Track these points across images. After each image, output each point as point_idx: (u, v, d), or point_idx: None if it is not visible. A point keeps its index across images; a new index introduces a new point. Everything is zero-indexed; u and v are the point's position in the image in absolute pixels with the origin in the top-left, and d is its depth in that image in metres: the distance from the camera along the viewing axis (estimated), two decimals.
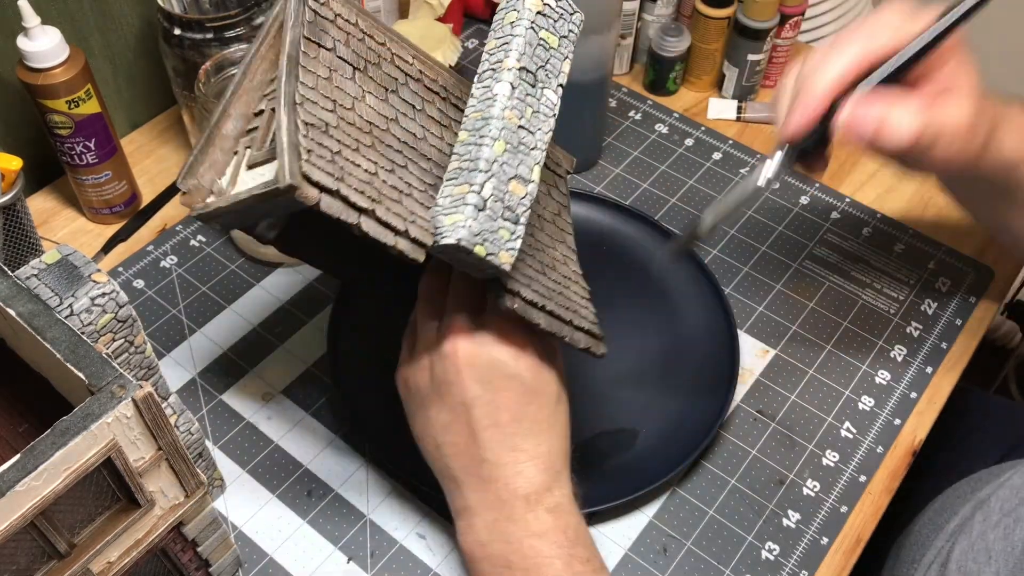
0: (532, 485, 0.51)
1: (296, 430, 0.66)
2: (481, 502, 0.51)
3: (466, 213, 0.45)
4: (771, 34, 0.87)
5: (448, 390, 0.51)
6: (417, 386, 0.53)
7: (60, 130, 0.71)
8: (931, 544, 0.68)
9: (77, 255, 0.46)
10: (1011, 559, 0.55)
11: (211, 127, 0.48)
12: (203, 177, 0.47)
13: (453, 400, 0.51)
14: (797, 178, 0.84)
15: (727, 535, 0.62)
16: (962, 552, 0.60)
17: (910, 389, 0.70)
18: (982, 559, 0.58)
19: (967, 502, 0.69)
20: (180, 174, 0.47)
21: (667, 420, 0.66)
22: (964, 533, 0.61)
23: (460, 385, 0.51)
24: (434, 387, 0.52)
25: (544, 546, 0.50)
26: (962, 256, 0.79)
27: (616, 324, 0.72)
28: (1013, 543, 0.55)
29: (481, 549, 0.51)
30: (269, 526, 0.61)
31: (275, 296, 0.74)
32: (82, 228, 0.78)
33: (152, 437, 0.42)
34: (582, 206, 0.77)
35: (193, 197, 0.47)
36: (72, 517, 0.42)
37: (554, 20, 0.51)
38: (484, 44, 0.96)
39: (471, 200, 0.45)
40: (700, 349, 0.69)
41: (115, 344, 0.47)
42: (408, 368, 0.54)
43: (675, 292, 0.73)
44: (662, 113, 0.90)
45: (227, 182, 0.47)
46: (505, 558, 0.50)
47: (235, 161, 0.48)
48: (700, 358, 0.69)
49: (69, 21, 0.75)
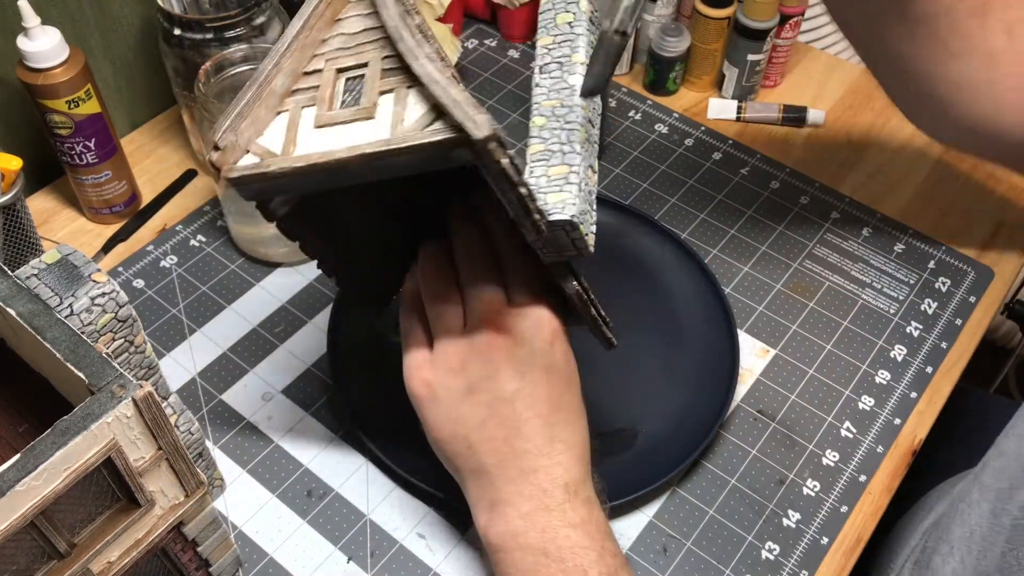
0: (570, 475, 0.50)
1: (296, 430, 0.66)
2: (518, 493, 0.50)
3: (572, 192, 0.46)
4: (771, 34, 0.87)
5: (486, 387, 0.50)
6: (446, 386, 0.51)
7: (60, 130, 0.71)
8: (906, 543, 0.68)
9: (77, 255, 0.46)
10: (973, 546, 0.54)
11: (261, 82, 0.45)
12: (242, 135, 0.44)
13: (491, 396, 0.50)
14: (796, 177, 0.84)
15: (727, 535, 0.62)
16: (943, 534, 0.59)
17: (910, 389, 0.70)
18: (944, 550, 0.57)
19: (942, 500, 0.69)
20: (217, 128, 0.44)
21: (667, 420, 0.66)
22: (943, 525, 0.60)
23: (499, 380, 0.50)
24: (468, 385, 0.50)
25: (579, 537, 0.49)
26: (962, 256, 0.79)
27: (616, 324, 0.72)
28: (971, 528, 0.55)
29: (514, 539, 0.50)
30: (269, 526, 0.61)
31: (275, 296, 0.74)
32: (82, 228, 0.78)
33: (152, 437, 0.42)
34: None
35: (226, 155, 0.44)
36: (72, 517, 0.42)
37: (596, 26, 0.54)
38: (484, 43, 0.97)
39: (574, 179, 0.47)
40: (700, 349, 0.69)
41: (115, 344, 0.47)
42: (429, 369, 0.52)
43: (675, 292, 0.73)
44: (662, 113, 0.90)
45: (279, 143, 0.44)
46: (541, 547, 0.49)
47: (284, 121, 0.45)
48: (700, 358, 0.69)
49: (69, 21, 0.75)
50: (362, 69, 0.44)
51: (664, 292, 0.73)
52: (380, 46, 0.44)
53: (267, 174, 0.43)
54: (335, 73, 0.45)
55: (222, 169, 0.44)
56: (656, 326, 0.72)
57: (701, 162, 0.86)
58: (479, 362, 0.50)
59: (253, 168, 0.43)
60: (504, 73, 0.93)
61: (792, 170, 0.85)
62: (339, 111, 0.44)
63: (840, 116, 0.91)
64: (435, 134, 0.41)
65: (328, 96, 0.45)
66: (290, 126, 0.45)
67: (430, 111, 0.41)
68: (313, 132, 0.44)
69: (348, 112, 0.44)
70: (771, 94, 0.93)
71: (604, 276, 0.74)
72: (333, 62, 0.45)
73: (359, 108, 0.43)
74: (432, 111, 0.41)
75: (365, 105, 0.43)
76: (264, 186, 0.44)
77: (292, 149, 0.44)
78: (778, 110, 0.89)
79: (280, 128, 0.45)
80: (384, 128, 0.42)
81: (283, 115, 0.45)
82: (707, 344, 0.69)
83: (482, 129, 0.39)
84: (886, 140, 0.89)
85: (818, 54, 0.98)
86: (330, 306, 0.69)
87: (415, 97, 0.42)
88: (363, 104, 0.43)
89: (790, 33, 0.89)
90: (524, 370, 0.50)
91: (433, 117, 0.41)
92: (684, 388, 0.68)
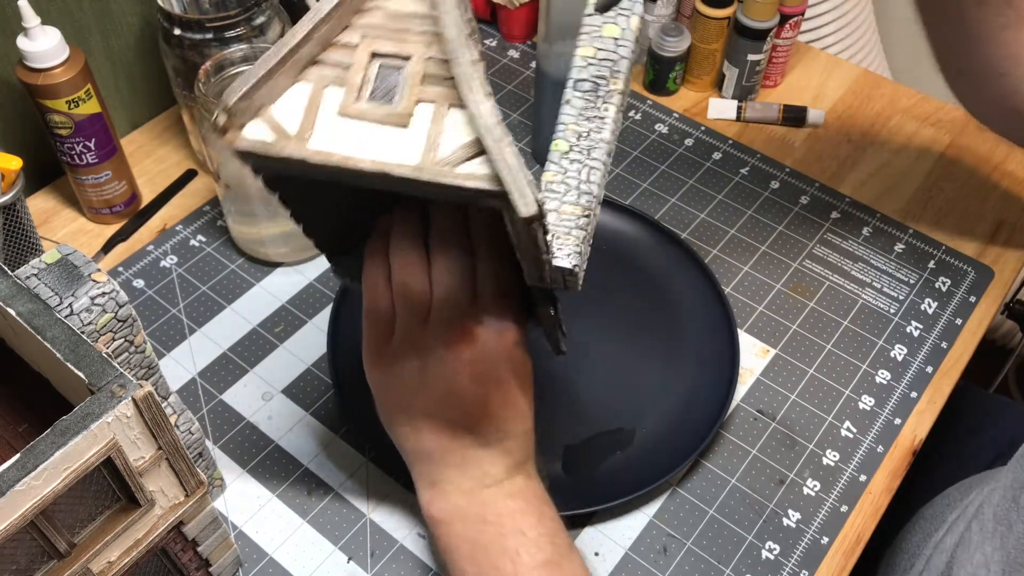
0: (515, 459, 0.52)
1: (296, 430, 0.66)
2: (461, 475, 0.52)
3: (579, 238, 0.45)
4: (771, 34, 0.87)
5: (440, 384, 0.51)
6: (400, 375, 0.52)
7: (60, 130, 0.71)
8: (920, 553, 0.68)
9: (77, 255, 0.46)
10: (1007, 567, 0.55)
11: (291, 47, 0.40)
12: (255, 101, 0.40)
13: (443, 391, 0.51)
14: (796, 177, 0.84)
15: (727, 535, 0.62)
16: (960, 566, 0.60)
17: (910, 389, 0.70)
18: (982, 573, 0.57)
19: (954, 510, 0.69)
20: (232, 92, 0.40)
21: (667, 420, 0.66)
22: (963, 547, 0.61)
23: (454, 379, 0.50)
24: (423, 379, 0.51)
25: (517, 504, 0.52)
26: (962, 256, 0.79)
27: (616, 324, 0.72)
28: (1008, 550, 0.55)
29: (454, 512, 0.52)
30: (269, 526, 0.61)
31: (275, 296, 0.74)
32: (82, 228, 0.78)
33: (152, 437, 0.42)
34: None
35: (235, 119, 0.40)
36: (72, 517, 0.42)
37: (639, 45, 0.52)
38: (484, 43, 0.97)
39: (583, 224, 0.46)
40: (700, 349, 0.69)
41: (115, 344, 0.47)
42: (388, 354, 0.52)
43: (675, 292, 0.73)
44: (662, 113, 0.90)
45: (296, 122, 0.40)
46: (480, 516, 0.51)
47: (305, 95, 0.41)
48: (700, 358, 0.69)
49: (69, 21, 0.75)
50: (401, 61, 0.40)
51: (664, 292, 0.73)
52: (427, 41, 0.40)
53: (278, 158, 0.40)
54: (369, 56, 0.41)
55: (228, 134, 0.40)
56: (656, 326, 0.72)
57: (701, 162, 0.86)
58: (437, 357, 0.50)
59: (264, 147, 0.40)
60: (504, 73, 0.93)
61: (792, 170, 0.85)
62: (369, 106, 0.40)
63: (840, 116, 0.91)
64: (473, 180, 0.38)
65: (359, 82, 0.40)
66: (311, 104, 0.40)
67: (471, 144, 0.38)
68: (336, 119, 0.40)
69: (379, 112, 0.40)
70: (771, 94, 0.93)
71: (604, 276, 0.74)
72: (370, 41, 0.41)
73: (392, 111, 0.40)
74: (473, 145, 0.38)
75: (399, 111, 0.40)
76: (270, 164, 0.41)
77: (309, 134, 0.40)
78: (778, 110, 0.89)
79: (299, 101, 0.41)
80: (416, 146, 0.39)
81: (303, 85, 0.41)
82: (707, 344, 0.69)
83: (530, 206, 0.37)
84: (886, 140, 0.89)
85: (818, 54, 0.98)
86: (330, 306, 0.69)
87: (456, 120, 0.39)
88: (397, 108, 0.40)
89: (790, 33, 0.89)
90: (479, 371, 0.51)
91: (473, 152, 0.38)
92: (684, 388, 0.68)
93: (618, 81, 0.48)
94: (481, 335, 0.50)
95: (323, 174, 0.40)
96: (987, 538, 0.58)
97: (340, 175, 0.40)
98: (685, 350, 0.70)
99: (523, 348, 0.52)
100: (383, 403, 0.54)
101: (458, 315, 0.50)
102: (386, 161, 0.39)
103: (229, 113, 0.40)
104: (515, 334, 0.51)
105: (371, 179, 0.40)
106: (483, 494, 0.52)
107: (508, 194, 0.37)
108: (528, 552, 0.50)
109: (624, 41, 0.48)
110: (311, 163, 0.40)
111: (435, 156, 0.39)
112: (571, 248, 0.44)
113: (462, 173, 0.38)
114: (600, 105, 0.48)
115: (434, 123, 0.40)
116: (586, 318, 0.71)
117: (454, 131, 0.39)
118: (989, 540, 0.57)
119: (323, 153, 0.40)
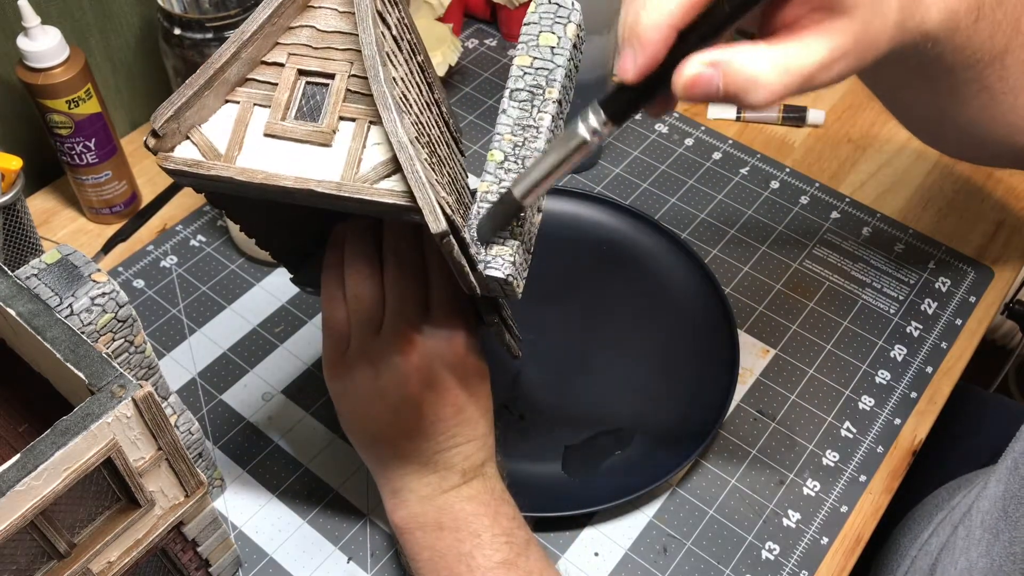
0: (470, 463, 0.53)
1: (296, 430, 0.66)
2: (417, 481, 0.53)
3: (513, 247, 0.45)
4: None
5: (395, 392, 0.51)
6: (356, 385, 0.52)
7: (60, 130, 0.71)
8: (907, 554, 0.68)
9: (77, 255, 0.46)
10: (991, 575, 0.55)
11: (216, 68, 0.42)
12: (185, 122, 0.41)
13: (398, 400, 0.51)
14: (796, 177, 0.84)
15: (727, 535, 0.62)
16: (944, 570, 0.60)
17: (910, 389, 0.70)
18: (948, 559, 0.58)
19: (941, 510, 0.68)
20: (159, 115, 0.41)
21: (667, 420, 0.66)
22: (947, 550, 0.61)
23: (408, 388, 0.51)
24: (378, 388, 0.51)
25: (473, 507, 0.52)
26: (962, 256, 0.79)
27: (616, 324, 0.72)
28: (993, 558, 0.55)
29: (414, 520, 0.53)
30: (269, 526, 0.61)
31: (275, 296, 0.74)
32: (82, 228, 0.78)
33: (152, 437, 0.42)
34: (582, 206, 0.77)
35: (166, 142, 0.41)
36: (72, 517, 0.42)
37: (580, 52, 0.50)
38: (484, 43, 0.97)
39: (518, 232, 0.45)
40: (700, 349, 0.69)
41: (115, 344, 0.47)
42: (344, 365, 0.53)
43: (675, 292, 0.73)
44: None
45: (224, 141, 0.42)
46: (437, 522, 0.52)
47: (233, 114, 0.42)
48: (700, 358, 0.69)
49: (69, 21, 0.75)
50: (327, 79, 0.42)
51: (664, 292, 0.73)
52: (349, 58, 0.42)
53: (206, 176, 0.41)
54: (296, 75, 0.43)
55: (157, 155, 0.41)
56: (656, 326, 0.72)
57: (701, 162, 0.86)
58: (389, 366, 0.51)
59: (192, 166, 0.41)
60: (504, 73, 0.93)
61: (792, 170, 0.85)
62: (294, 124, 0.42)
63: (840, 116, 0.91)
64: (391, 196, 0.39)
65: (284, 101, 0.42)
66: (238, 124, 0.42)
67: (390, 161, 0.40)
68: (262, 139, 0.42)
69: (303, 130, 0.42)
70: None
71: (605, 276, 0.74)
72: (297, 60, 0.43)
73: (316, 128, 0.41)
74: (392, 162, 0.40)
75: (323, 128, 0.41)
76: (200, 183, 0.43)
77: (236, 153, 0.42)
78: (778, 110, 0.89)
79: (227, 121, 0.42)
80: (338, 163, 0.41)
81: (232, 106, 0.43)
82: (707, 344, 0.69)
83: (440, 223, 0.39)
84: (886, 140, 0.89)
85: None
86: None
87: (376, 137, 0.41)
88: (321, 125, 0.42)
89: None
90: (433, 380, 0.51)
91: (392, 169, 0.40)
92: (684, 388, 0.68)
93: (553, 90, 0.47)
94: (430, 343, 0.51)
95: (252, 191, 0.42)
96: (973, 544, 0.57)
97: (266, 192, 0.41)
98: (685, 350, 0.70)
99: (476, 354, 0.53)
100: (342, 413, 0.55)
101: (409, 325, 0.51)
102: (309, 177, 0.40)
103: (155, 135, 0.41)
104: (464, 340, 0.52)
105: (296, 195, 0.41)
106: (440, 500, 0.52)
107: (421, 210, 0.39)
108: (483, 554, 0.50)
109: (560, 50, 0.48)
110: (238, 181, 0.41)
111: (356, 172, 0.41)
112: (506, 258, 0.44)
113: (381, 189, 0.40)
114: (535, 115, 0.47)
115: (355, 140, 0.41)
116: (586, 318, 0.71)
117: (375, 147, 0.41)
118: (975, 547, 0.57)
119: (249, 171, 0.41)
